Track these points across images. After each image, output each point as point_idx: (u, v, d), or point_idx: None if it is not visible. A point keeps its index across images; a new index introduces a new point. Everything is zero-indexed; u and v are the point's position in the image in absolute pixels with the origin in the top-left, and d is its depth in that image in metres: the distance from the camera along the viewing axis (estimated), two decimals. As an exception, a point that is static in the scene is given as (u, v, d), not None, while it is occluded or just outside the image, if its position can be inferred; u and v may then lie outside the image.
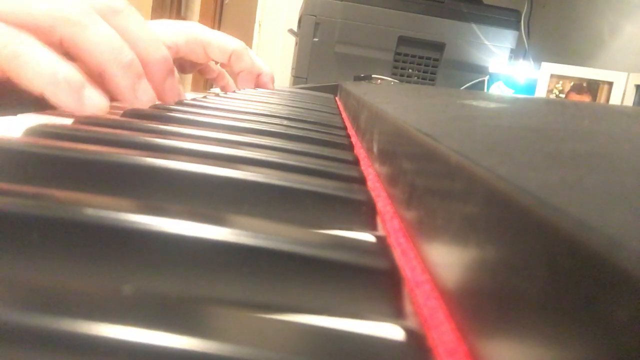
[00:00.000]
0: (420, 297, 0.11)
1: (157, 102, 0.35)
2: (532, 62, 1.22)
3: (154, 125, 0.24)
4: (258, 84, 0.70)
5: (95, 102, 0.28)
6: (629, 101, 0.99)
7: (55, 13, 0.29)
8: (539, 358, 0.07)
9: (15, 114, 0.26)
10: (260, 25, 1.67)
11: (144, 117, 0.27)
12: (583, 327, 0.06)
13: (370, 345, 0.08)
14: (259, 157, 0.19)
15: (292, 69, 1.29)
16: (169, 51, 0.36)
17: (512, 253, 0.08)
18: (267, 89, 0.70)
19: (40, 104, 0.28)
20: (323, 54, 1.17)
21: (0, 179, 0.15)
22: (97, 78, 0.31)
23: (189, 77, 2.03)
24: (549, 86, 1.06)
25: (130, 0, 0.34)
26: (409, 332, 0.09)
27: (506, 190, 0.08)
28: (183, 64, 0.62)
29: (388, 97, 0.38)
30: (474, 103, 0.31)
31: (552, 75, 1.06)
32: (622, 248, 0.06)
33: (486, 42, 1.16)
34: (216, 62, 0.69)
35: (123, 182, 0.15)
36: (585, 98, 1.04)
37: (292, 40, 1.40)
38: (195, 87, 2.14)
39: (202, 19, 2.58)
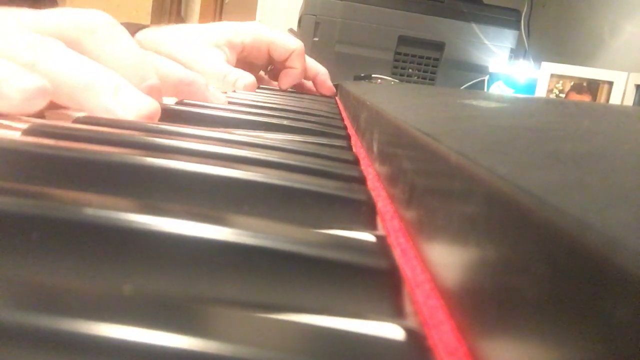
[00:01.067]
0: (420, 297, 0.11)
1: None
2: (532, 61, 1.22)
3: (154, 125, 0.24)
4: (316, 84, 0.71)
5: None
6: (629, 101, 0.99)
7: (13, 58, 0.26)
8: (539, 358, 0.07)
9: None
10: (260, 25, 1.67)
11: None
12: (583, 327, 0.06)
13: (370, 345, 0.08)
14: (259, 157, 0.19)
15: (292, 68, 1.28)
16: (233, 51, 0.35)
17: (512, 253, 0.08)
18: (326, 87, 0.71)
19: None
20: (323, 53, 1.17)
21: (0, 179, 0.15)
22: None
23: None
24: (549, 86, 1.06)
25: (130, 1, 0.33)
26: (409, 332, 0.09)
27: (506, 190, 0.08)
28: (242, 68, 0.61)
29: (388, 96, 0.38)
30: (474, 103, 0.31)
31: (552, 75, 1.06)
32: (622, 248, 0.06)
33: (486, 42, 1.16)
34: (266, 69, 0.70)
35: (123, 182, 0.15)
36: (585, 98, 1.04)
37: (292, 40, 1.40)
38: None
39: (202, 19, 2.58)
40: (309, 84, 0.74)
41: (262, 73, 0.74)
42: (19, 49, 0.27)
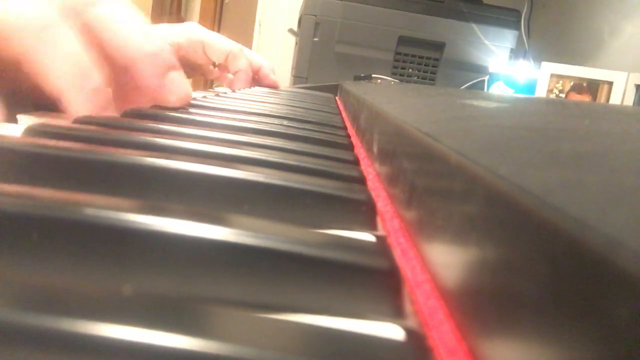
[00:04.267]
0: (420, 297, 0.11)
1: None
2: (532, 61, 1.22)
3: (154, 125, 0.24)
4: (259, 78, 0.71)
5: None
6: (629, 101, 0.99)
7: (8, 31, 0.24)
8: (539, 358, 0.07)
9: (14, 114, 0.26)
10: (260, 25, 1.67)
11: (144, 117, 0.27)
12: (583, 327, 0.06)
13: (370, 345, 0.08)
14: (259, 157, 0.19)
15: (292, 68, 1.29)
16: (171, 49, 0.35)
17: (512, 253, 0.08)
18: (269, 81, 0.71)
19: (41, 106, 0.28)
20: (323, 53, 1.17)
21: (0, 179, 0.15)
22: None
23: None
24: (549, 86, 1.06)
25: (130, 0, 0.33)
26: (409, 332, 0.09)
27: (506, 190, 0.08)
28: (184, 67, 0.62)
29: (388, 96, 0.38)
30: (474, 103, 0.31)
31: (552, 75, 1.06)
32: (622, 248, 0.06)
33: (486, 42, 1.16)
34: (214, 64, 0.70)
35: (123, 182, 0.15)
36: (585, 98, 1.04)
37: (292, 40, 1.40)
38: (196, 87, 2.14)
39: (202, 19, 2.58)
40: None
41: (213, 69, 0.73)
42: None
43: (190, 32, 0.63)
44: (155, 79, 0.30)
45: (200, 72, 0.69)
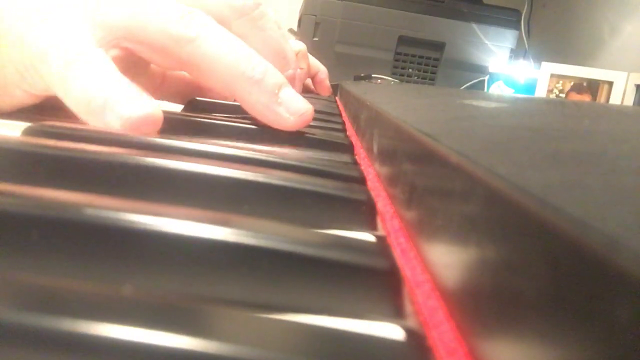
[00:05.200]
0: (420, 297, 0.11)
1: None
2: (532, 61, 1.22)
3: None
4: (315, 82, 0.71)
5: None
6: (629, 101, 0.99)
7: (168, 31, 0.24)
8: (539, 358, 0.07)
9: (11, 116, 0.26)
10: (260, 25, 1.67)
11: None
12: (583, 327, 0.06)
13: (370, 345, 0.08)
14: (259, 157, 0.19)
15: (292, 68, 1.28)
16: None
17: (512, 253, 0.08)
18: (324, 86, 0.71)
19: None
20: (323, 53, 1.17)
21: (0, 179, 0.15)
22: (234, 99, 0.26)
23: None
24: (549, 86, 1.06)
25: None
26: (409, 332, 0.09)
27: (506, 190, 0.08)
28: None
29: (388, 97, 0.38)
30: (474, 103, 0.31)
31: (552, 75, 1.06)
32: (622, 248, 0.06)
33: (486, 42, 1.16)
34: None
35: (123, 182, 0.15)
36: (585, 98, 1.04)
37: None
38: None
39: (202, 19, 2.58)
40: (308, 81, 0.74)
41: None
42: (172, 18, 0.24)
43: None
44: (266, 106, 0.25)
45: None
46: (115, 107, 0.22)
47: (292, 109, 0.25)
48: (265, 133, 0.26)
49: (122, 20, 0.24)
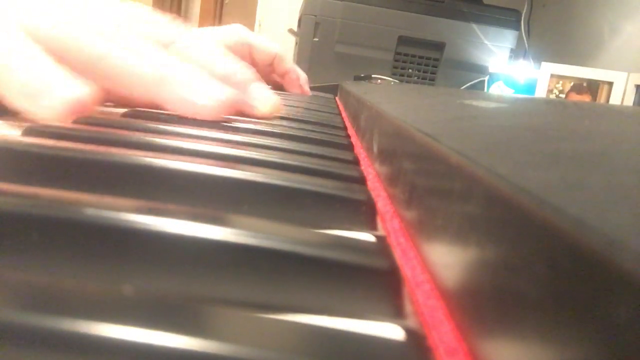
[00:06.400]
0: (420, 297, 0.11)
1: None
2: (532, 62, 1.22)
3: (154, 125, 0.24)
4: (285, 81, 0.72)
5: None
6: (629, 101, 0.99)
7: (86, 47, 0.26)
8: (539, 358, 0.07)
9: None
10: (260, 25, 1.67)
11: (144, 117, 0.27)
12: (583, 327, 0.06)
13: (370, 345, 0.08)
14: (259, 157, 0.19)
15: (292, 68, 1.28)
16: None
17: (512, 253, 0.08)
18: (304, 91, 0.72)
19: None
20: (323, 54, 1.17)
21: (0, 179, 0.15)
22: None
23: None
24: (549, 86, 1.06)
25: (130, 1, 0.33)
26: (409, 332, 0.09)
27: (506, 190, 0.08)
28: None
29: (388, 97, 0.38)
30: (474, 103, 0.31)
31: (552, 75, 1.06)
32: (622, 248, 0.06)
33: (486, 42, 1.16)
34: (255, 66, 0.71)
35: (123, 182, 0.15)
36: (585, 98, 1.04)
37: (292, 40, 1.40)
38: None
39: (202, 19, 2.58)
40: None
41: None
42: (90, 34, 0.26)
43: (238, 34, 0.64)
44: (239, 98, 0.30)
45: None
46: (54, 90, 0.23)
47: (261, 100, 0.29)
48: (265, 133, 0.26)
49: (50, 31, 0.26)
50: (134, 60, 0.27)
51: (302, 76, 0.72)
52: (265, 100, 0.31)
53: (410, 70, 1.20)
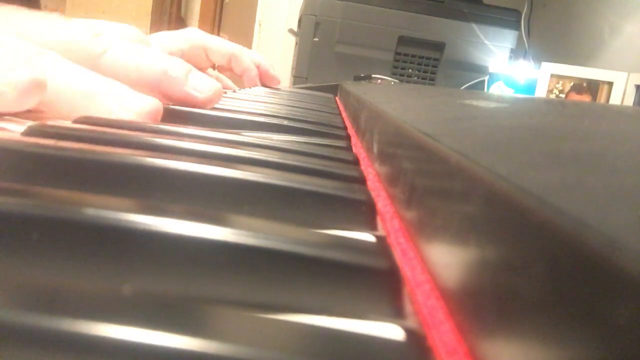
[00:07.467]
0: (420, 297, 0.11)
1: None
2: (532, 62, 1.22)
3: (154, 125, 0.24)
4: (260, 74, 0.72)
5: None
6: (629, 101, 0.99)
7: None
8: (539, 358, 0.07)
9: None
10: (260, 25, 1.67)
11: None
12: (583, 327, 0.06)
13: (370, 345, 0.08)
14: (259, 157, 0.19)
15: (292, 69, 1.29)
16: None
17: (512, 253, 0.08)
18: (269, 76, 0.72)
19: None
20: (323, 53, 1.17)
21: (0, 179, 0.15)
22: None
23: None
24: (549, 86, 1.06)
25: (130, 1, 0.34)
26: (409, 332, 0.09)
27: (506, 190, 0.08)
28: None
29: (388, 97, 0.38)
30: (474, 103, 0.31)
31: (552, 75, 1.06)
32: (622, 248, 0.06)
33: (486, 42, 1.16)
34: (214, 66, 0.72)
35: (123, 182, 0.15)
36: (585, 98, 1.04)
37: (292, 40, 1.40)
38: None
39: (202, 19, 2.58)
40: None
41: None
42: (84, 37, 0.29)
43: (192, 37, 0.65)
44: (179, 88, 0.32)
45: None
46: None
47: (200, 88, 0.32)
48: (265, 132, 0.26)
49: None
50: (134, 55, 0.29)
51: (263, 62, 0.72)
52: (204, 87, 0.33)
53: (410, 70, 1.20)
